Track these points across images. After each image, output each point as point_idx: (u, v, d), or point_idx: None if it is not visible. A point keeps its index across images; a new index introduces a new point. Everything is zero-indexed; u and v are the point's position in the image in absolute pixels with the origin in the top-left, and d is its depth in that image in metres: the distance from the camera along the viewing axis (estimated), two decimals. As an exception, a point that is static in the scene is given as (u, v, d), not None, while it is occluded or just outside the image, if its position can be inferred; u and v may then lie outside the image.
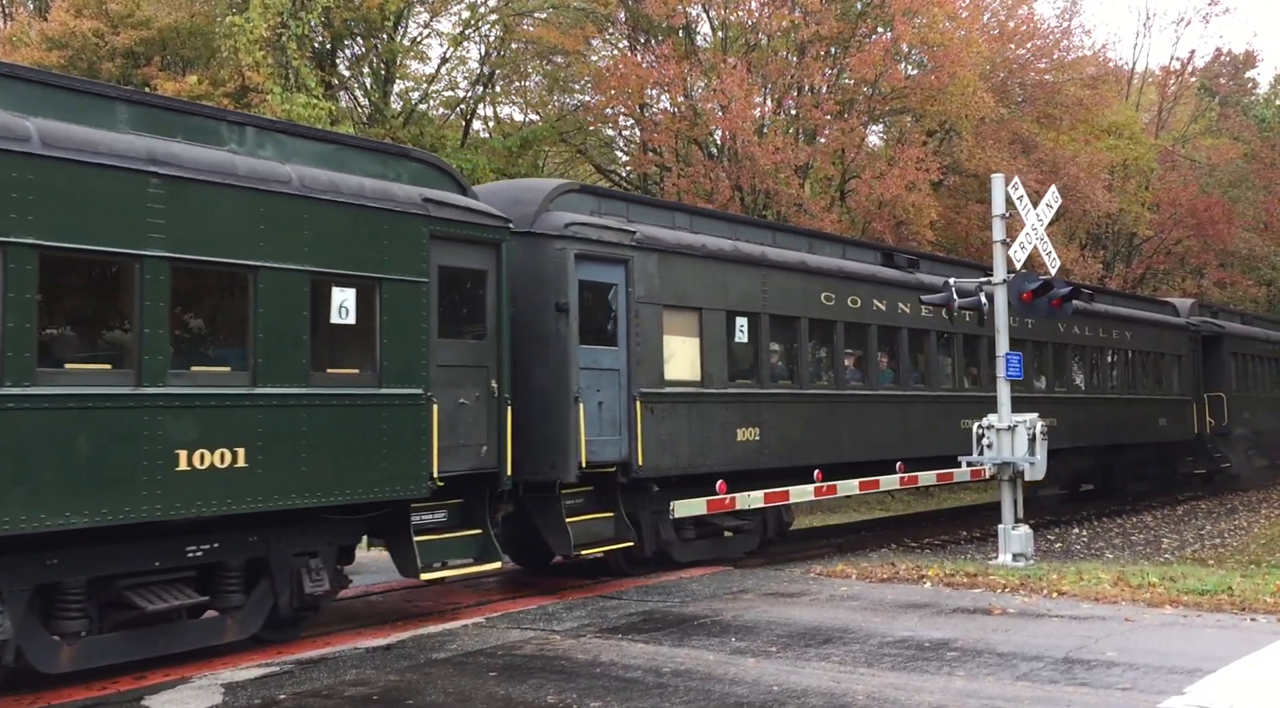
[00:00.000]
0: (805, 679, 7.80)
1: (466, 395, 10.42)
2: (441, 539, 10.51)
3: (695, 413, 12.98)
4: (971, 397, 17.99)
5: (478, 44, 28.06)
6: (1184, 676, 7.66)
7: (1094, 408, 22.27)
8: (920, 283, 17.12)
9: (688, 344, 13.17)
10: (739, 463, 13.50)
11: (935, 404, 17.57)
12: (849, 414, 15.51)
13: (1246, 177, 42.52)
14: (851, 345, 16.07)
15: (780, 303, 14.58)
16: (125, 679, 8.44)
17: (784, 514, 14.99)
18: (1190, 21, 62.83)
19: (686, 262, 13.19)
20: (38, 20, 25.64)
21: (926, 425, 17.13)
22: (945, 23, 26.99)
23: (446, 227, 10.32)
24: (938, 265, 18.77)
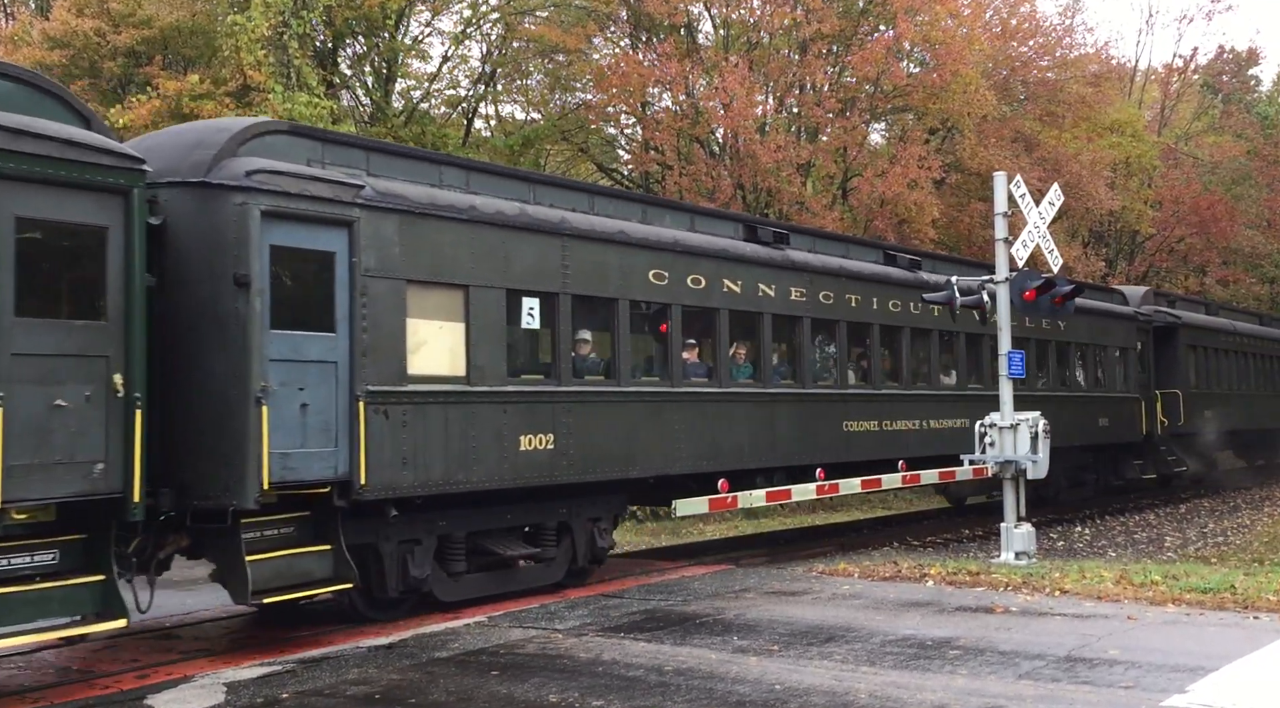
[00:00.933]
0: (807, 678, 7.79)
1: (67, 395, 7.81)
2: (33, 592, 7.79)
3: (456, 417, 10.37)
4: (858, 394, 15.76)
5: (479, 43, 28.08)
6: (1186, 674, 7.65)
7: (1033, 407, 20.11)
8: (790, 262, 14.75)
9: (446, 331, 10.53)
10: (523, 477, 10.99)
11: (809, 403, 14.85)
12: (686, 417, 12.90)
13: (1249, 174, 42.50)
14: (692, 334, 13.47)
15: (589, 281, 11.94)
16: (128, 678, 8.45)
17: (599, 538, 12.39)
18: (1193, 19, 63.22)
19: (445, 227, 10.45)
20: (39, 19, 25.64)
21: (797, 428, 14.54)
22: (947, 20, 26.98)
23: (31, 165, 7.70)
24: (819, 243, 16.16)
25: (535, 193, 11.94)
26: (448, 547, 10.87)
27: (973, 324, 17.28)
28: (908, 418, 16.68)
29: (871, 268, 16.60)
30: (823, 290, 15.27)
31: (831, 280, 15.47)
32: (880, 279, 16.61)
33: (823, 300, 15.22)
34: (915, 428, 16.79)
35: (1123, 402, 23.16)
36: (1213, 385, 27.03)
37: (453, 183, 11.06)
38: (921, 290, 16.55)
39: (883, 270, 16.88)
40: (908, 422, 16.67)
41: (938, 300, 15.46)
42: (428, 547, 10.61)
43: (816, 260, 15.47)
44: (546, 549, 11.83)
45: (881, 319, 16.46)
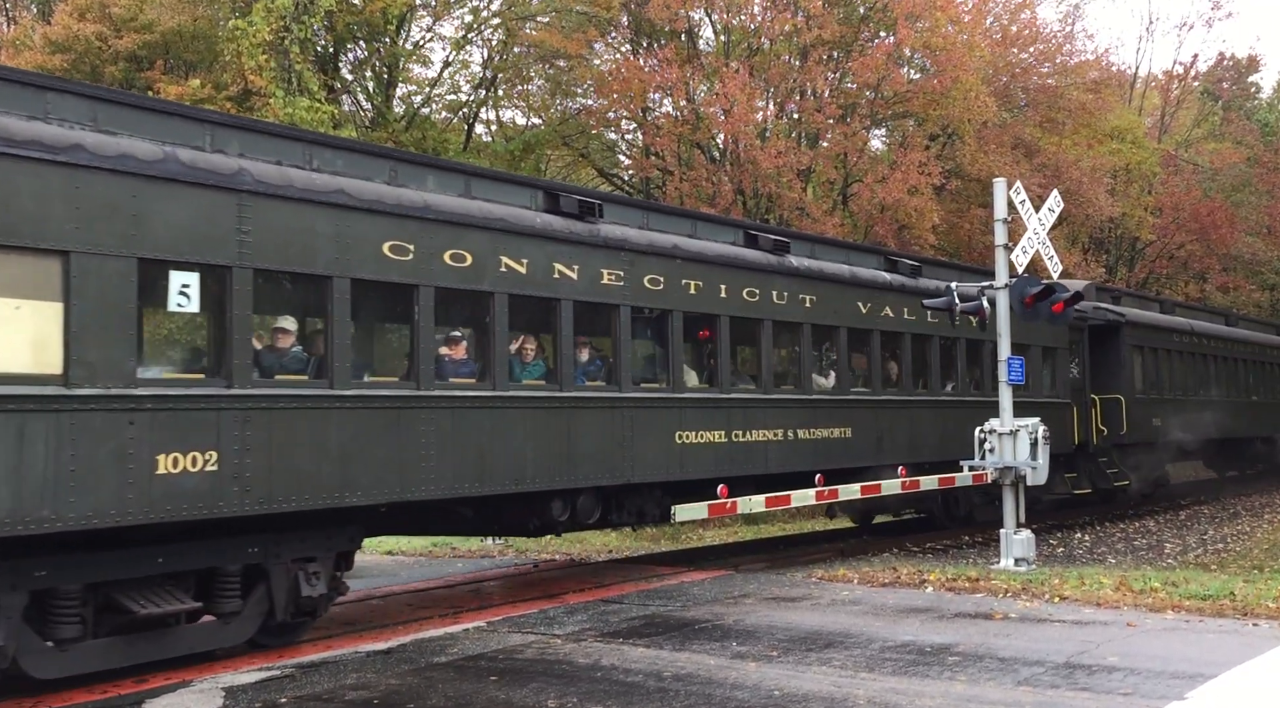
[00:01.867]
0: (806, 684, 7.79)
1: None
2: None
3: (41, 429, 7.63)
4: (699, 400, 13.15)
5: (480, 48, 28.18)
6: (1186, 681, 7.64)
7: (914, 414, 16.79)
8: (603, 239, 12.01)
9: (29, 313, 7.74)
10: (163, 510, 8.22)
11: (625, 410, 12.13)
12: (439, 426, 10.22)
13: (1249, 181, 42.53)
14: (456, 325, 11.17)
15: (287, 253, 9.23)
16: (126, 683, 8.44)
17: (306, 583, 9.66)
18: (1193, 26, 63.35)
19: (29, 170, 7.71)
20: (41, 24, 25.71)
21: (608, 441, 11.92)
22: (947, 27, 27.02)
23: None
24: (627, 212, 13.10)
25: (215, 138, 9.10)
26: (53, 604, 8.12)
27: (856, 316, 15.40)
28: (766, 427, 13.94)
29: (717, 248, 13.71)
30: (649, 274, 12.55)
31: (662, 261, 12.67)
32: (733, 262, 13.74)
33: (649, 285, 12.52)
34: (777, 439, 14.07)
35: (1049, 408, 19.39)
36: (1164, 390, 24.48)
37: (70, 117, 8.22)
38: (795, 276, 14.55)
39: (734, 251, 13.96)
40: (766, 431, 13.91)
41: (937, 306, 15.46)
42: (10, 606, 7.84)
43: (640, 237, 12.49)
44: (224, 602, 9.14)
45: (735, 309, 13.73)
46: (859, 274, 16.02)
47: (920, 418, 16.91)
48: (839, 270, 15.60)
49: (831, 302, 15.24)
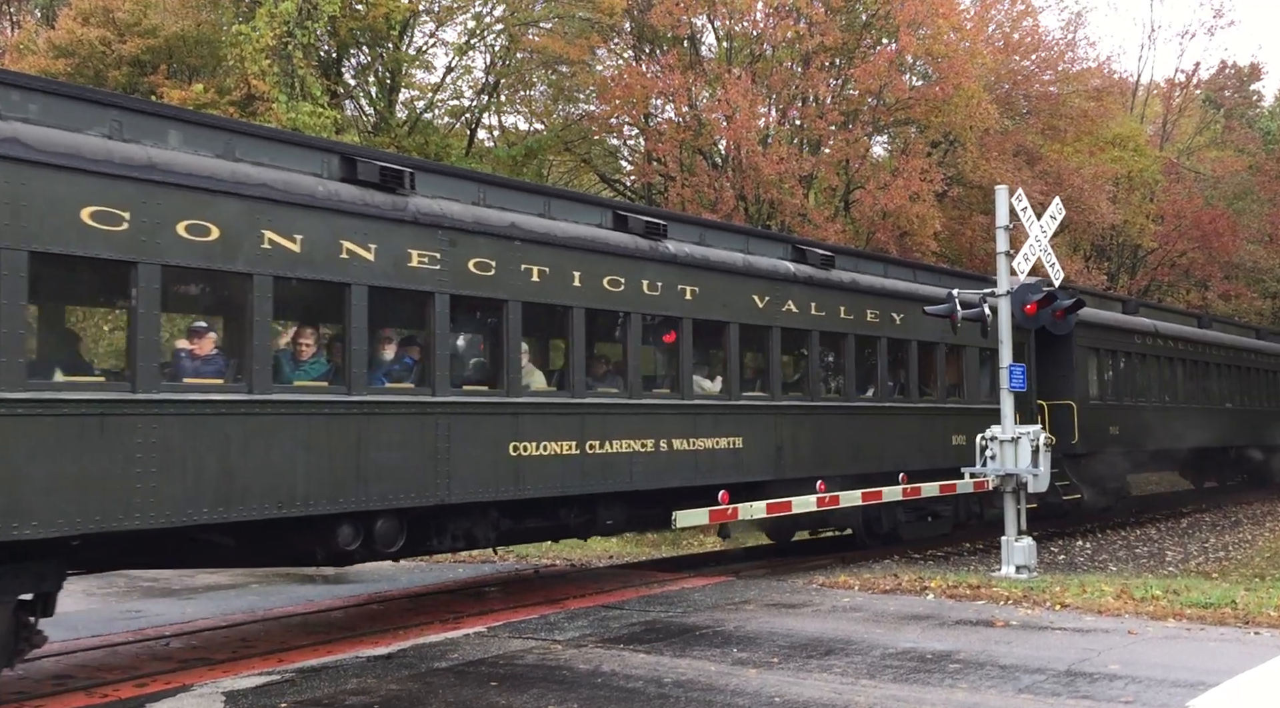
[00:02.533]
0: (807, 691, 7.78)
1: None
2: None
3: None
4: (542, 404, 11.30)
5: (483, 53, 28.21)
6: (1187, 689, 7.63)
7: (824, 422, 15.08)
8: (413, 214, 10.13)
9: None
10: None
11: (410, 419, 10.01)
12: (166, 439, 8.32)
13: (1251, 189, 42.54)
14: (189, 311, 9.79)
15: None
16: (126, 687, 8.44)
17: None
18: (1195, 34, 63.39)
19: None
20: (45, 28, 25.77)
21: (402, 451, 9.91)
22: (950, 34, 27.05)
23: None
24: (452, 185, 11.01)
25: None
26: None
27: (751, 310, 13.81)
28: (633, 437, 12.14)
29: (570, 229, 11.75)
30: (475, 257, 10.55)
31: (494, 243, 10.78)
32: (591, 246, 11.86)
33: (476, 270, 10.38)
34: (646, 450, 12.28)
35: (987, 415, 17.11)
36: (1124, 396, 22.82)
37: None
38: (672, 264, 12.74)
39: (592, 234, 11.97)
40: (633, 442, 12.14)
41: (939, 313, 15.46)
42: None
43: (463, 213, 10.57)
44: None
45: (593, 300, 11.76)
46: (756, 263, 14.14)
47: (832, 427, 15.13)
48: (728, 259, 13.75)
49: (719, 294, 13.43)
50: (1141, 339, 23.62)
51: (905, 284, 17.17)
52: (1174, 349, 25.12)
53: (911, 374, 16.88)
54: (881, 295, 16.30)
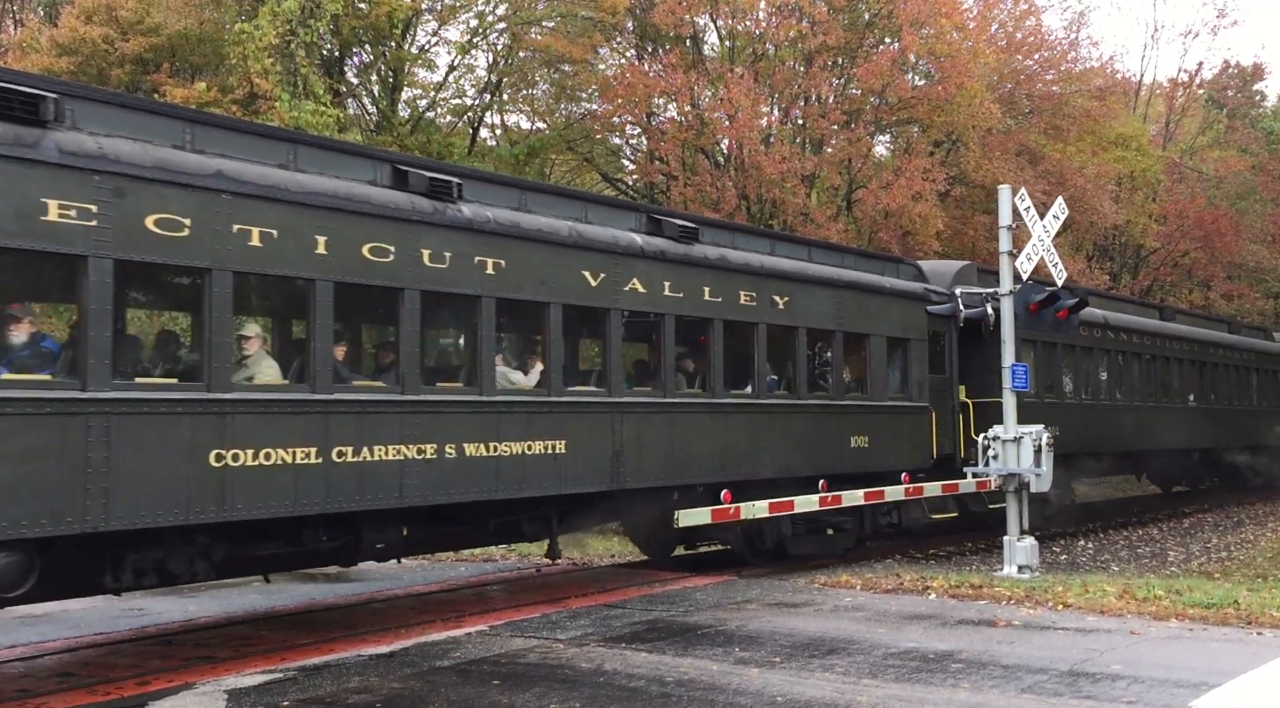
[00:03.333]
0: (809, 690, 7.78)
1: None
2: None
3: None
4: (264, 402, 9.11)
5: (485, 52, 28.20)
6: (1190, 689, 7.63)
7: (700, 423, 13.06)
8: (58, 155, 7.93)
9: None
10: None
11: (43, 421, 7.76)
12: None
13: (1254, 189, 42.52)
14: None
15: None
16: (129, 685, 8.45)
17: None
18: (1198, 34, 63.12)
19: None
20: (48, 27, 25.78)
21: (29, 466, 7.62)
22: (952, 34, 27.04)
23: None
24: (125, 119, 8.64)
25: None
26: None
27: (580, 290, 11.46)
28: (404, 441, 9.97)
29: (312, 182, 9.55)
30: (159, 213, 8.46)
31: (190, 196, 8.63)
32: (346, 206, 9.68)
33: (158, 230, 8.41)
34: (425, 458, 10.11)
35: (893, 415, 16.05)
36: (1065, 393, 20.88)
37: None
38: (465, 231, 10.53)
39: (348, 189, 9.79)
40: (404, 447, 9.95)
41: (942, 312, 15.46)
42: None
43: (140, 156, 8.39)
44: None
45: (347, 273, 9.66)
46: (588, 234, 11.71)
47: (691, 428, 12.88)
48: (549, 227, 11.40)
49: (534, 268, 11.18)
50: (1089, 331, 21.30)
51: (792, 263, 14.69)
52: (1129, 343, 23.16)
53: (799, 366, 14.51)
54: (760, 275, 13.89)
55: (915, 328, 16.74)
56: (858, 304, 15.56)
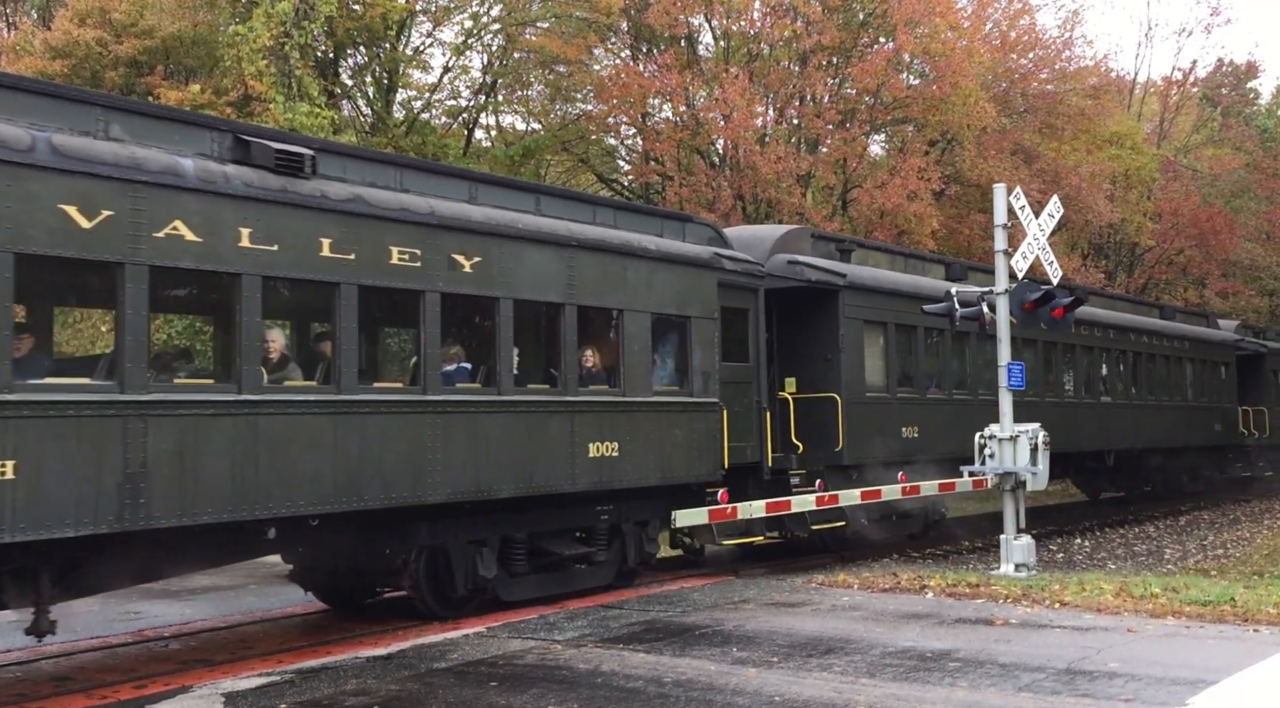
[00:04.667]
0: (807, 690, 7.78)
1: None
2: None
3: None
4: None
5: (480, 53, 28.19)
6: (1187, 687, 7.63)
7: (311, 429, 9.43)
8: None
9: None
10: None
11: None
12: None
13: (1248, 187, 42.62)
14: None
15: None
16: (125, 688, 8.43)
17: None
18: (1192, 32, 63.19)
19: None
20: (41, 29, 25.73)
21: None
22: (947, 33, 27.07)
23: None
24: None
25: None
26: None
27: (47, 235, 7.80)
28: None
29: None
30: None
31: None
32: None
33: None
34: None
35: (671, 413, 12.77)
36: (926, 387, 17.49)
37: None
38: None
39: None
40: None
41: (937, 311, 15.45)
42: None
43: None
44: None
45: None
46: (76, 150, 8.02)
47: (295, 436, 9.25)
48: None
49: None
50: (911, 303, 16.83)
51: (495, 212, 11.05)
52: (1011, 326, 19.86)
53: (502, 351, 10.89)
54: (431, 226, 10.33)
55: (700, 303, 13.18)
56: (603, 271, 12.00)
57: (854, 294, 15.93)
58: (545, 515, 11.77)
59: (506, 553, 11.45)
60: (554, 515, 11.90)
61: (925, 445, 16.90)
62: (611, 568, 12.71)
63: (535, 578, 11.89)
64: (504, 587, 11.52)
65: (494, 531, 11.25)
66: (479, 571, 11.11)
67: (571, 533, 12.34)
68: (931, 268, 19.53)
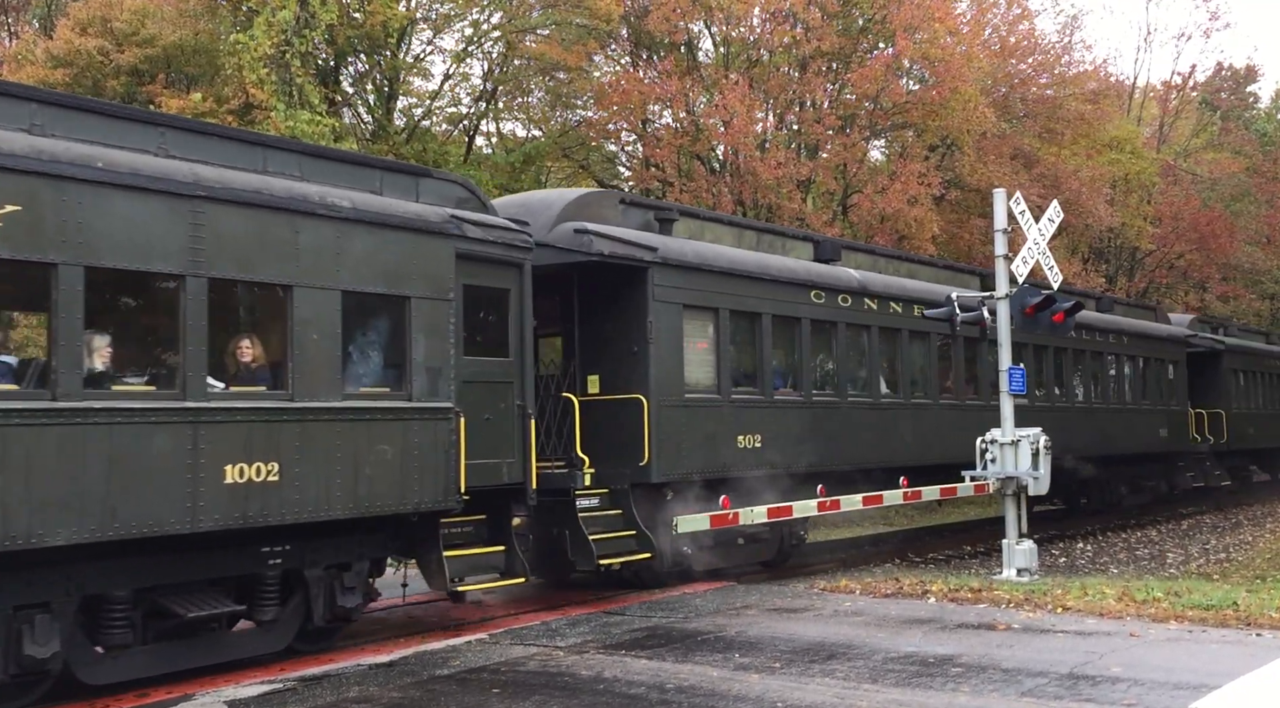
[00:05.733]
0: (809, 696, 7.77)
1: None
2: None
3: None
4: None
5: (480, 60, 28.22)
6: (1189, 692, 7.63)
7: None
8: None
9: None
10: None
11: None
12: None
13: (1248, 190, 42.68)
14: None
15: None
16: (128, 697, 8.42)
17: None
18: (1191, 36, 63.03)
19: None
20: (43, 38, 25.78)
21: None
22: (946, 38, 27.12)
23: None
24: None
25: None
26: None
27: None
28: None
29: None
30: None
31: None
32: None
33: None
34: None
35: (371, 422, 9.81)
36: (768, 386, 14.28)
37: None
38: None
39: None
40: None
41: (938, 316, 15.45)
42: None
43: None
44: None
45: None
46: None
47: None
48: None
49: None
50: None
51: (39, 143, 7.91)
52: (886, 315, 16.31)
53: (67, 339, 7.85)
54: None
55: (426, 279, 10.29)
56: (259, 232, 9.03)
57: (669, 272, 12.88)
58: (164, 564, 8.58)
59: (99, 618, 8.37)
60: (180, 564, 8.69)
61: (771, 458, 13.94)
62: (289, 628, 9.67)
63: (148, 651, 8.79)
64: (85, 667, 8.42)
65: (63, 589, 8.04)
66: (25, 649, 7.81)
67: (221, 585, 9.09)
68: (795, 245, 16.28)
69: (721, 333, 13.70)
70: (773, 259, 15.05)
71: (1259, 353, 30.24)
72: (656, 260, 12.79)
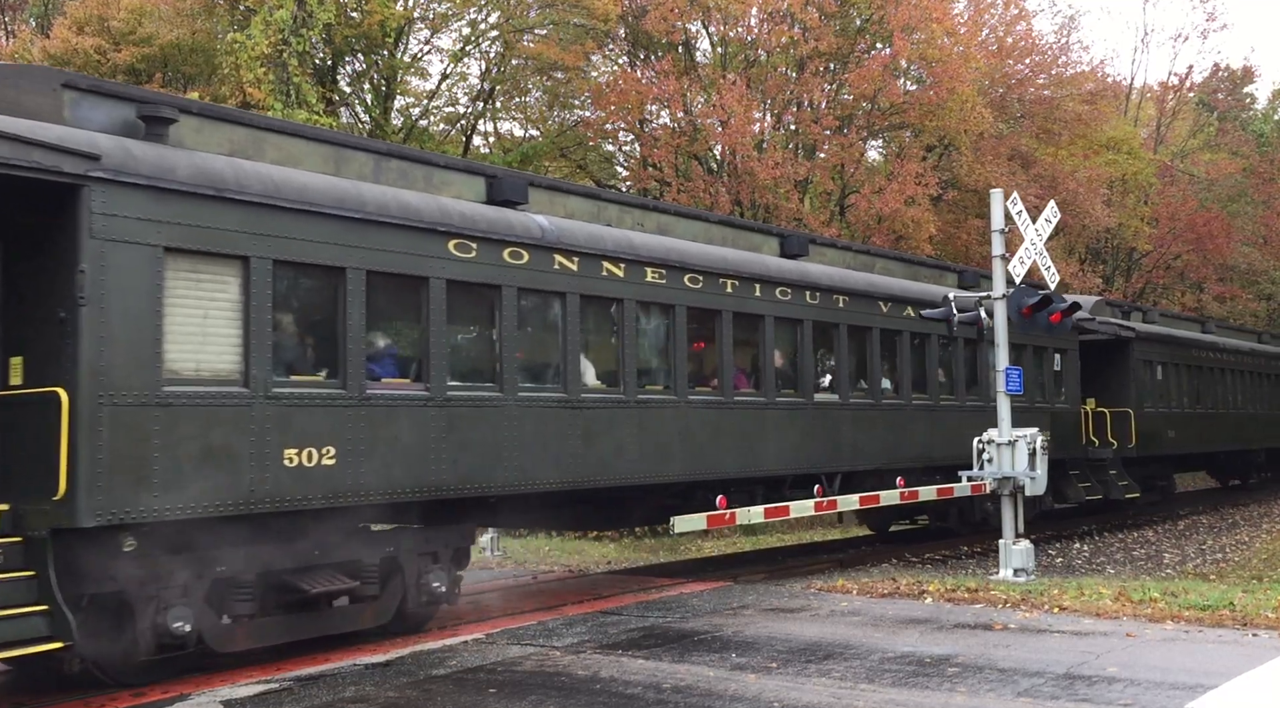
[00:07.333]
0: (806, 696, 7.77)
1: None
2: None
3: None
4: None
5: (478, 60, 28.23)
6: (1186, 692, 7.63)
7: None
8: None
9: None
10: None
11: None
12: None
13: (1245, 191, 42.74)
14: None
15: None
16: (124, 696, 8.41)
17: None
18: (1188, 37, 63.52)
19: None
20: (40, 37, 25.75)
21: None
22: (944, 39, 27.15)
23: None
24: None
25: None
26: None
27: None
28: None
29: None
30: None
31: None
32: None
33: None
34: None
35: None
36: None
37: None
38: None
39: None
40: None
41: (935, 316, 15.45)
42: None
43: None
44: None
45: None
46: None
47: None
48: None
49: None
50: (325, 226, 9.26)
51: None
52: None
53: None
54: None
55: None
56: None
57: (134, 196, 8.13)
58: None
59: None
60: None
61: (350, 476, 9.32)
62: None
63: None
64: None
65: None
66: None
67: None
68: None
69: (252, 294, 8.79)
70: (366, 188, 9.82)
71: (1183, 343, 25.07)
72: (103, 174, 7.93)
